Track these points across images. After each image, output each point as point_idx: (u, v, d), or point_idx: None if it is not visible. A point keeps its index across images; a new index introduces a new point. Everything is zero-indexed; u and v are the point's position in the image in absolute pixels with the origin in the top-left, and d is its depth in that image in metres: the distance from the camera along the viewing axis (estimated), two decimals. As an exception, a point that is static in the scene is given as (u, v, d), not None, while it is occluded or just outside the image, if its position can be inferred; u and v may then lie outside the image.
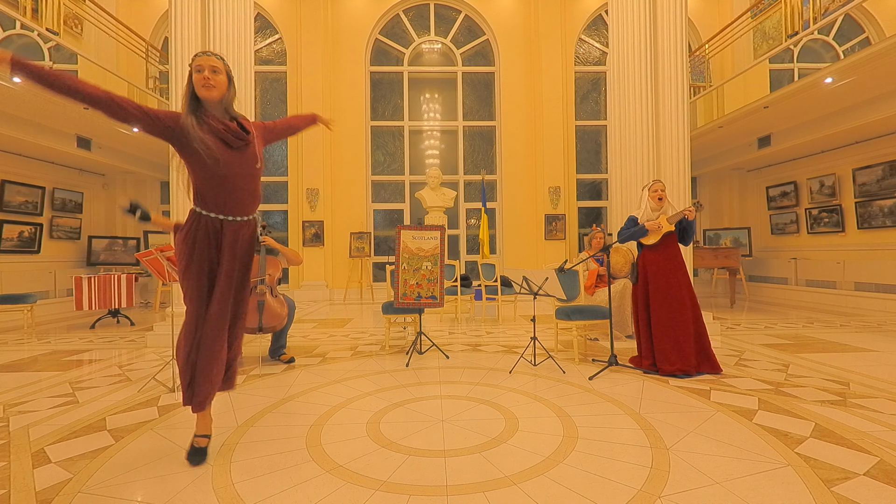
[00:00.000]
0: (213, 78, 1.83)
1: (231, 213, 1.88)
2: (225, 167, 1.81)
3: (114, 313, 6.07)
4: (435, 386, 3.03)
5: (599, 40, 9.34)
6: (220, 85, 1.85)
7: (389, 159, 9.21)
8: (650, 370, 3.30)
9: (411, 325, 4.67)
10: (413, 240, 3.91)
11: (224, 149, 1.82)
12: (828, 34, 8.11)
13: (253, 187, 1.93)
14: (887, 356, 3.70)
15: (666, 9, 4.75)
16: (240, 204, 1.89)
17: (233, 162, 1.83)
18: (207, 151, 1.76)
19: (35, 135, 6.33)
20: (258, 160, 1.94)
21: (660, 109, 4.75)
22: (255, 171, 1.93)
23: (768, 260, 8.62)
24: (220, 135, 1.82)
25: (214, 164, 1.78)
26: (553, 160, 8.81)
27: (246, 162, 1.88)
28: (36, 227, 7.23)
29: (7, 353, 4.23)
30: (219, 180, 1.82)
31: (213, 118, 1.84)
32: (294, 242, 8.63)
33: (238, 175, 1.86)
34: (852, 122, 6.09)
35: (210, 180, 1.81)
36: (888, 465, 1.83)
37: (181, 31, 4.60)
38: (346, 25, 8.86)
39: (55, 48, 7.28)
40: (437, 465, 1.89)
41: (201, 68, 1.82)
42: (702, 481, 1.73)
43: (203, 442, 1.98)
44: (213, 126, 1.82)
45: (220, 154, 1.80)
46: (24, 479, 1.80)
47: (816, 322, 5.52)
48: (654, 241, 3.39)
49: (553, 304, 3.98)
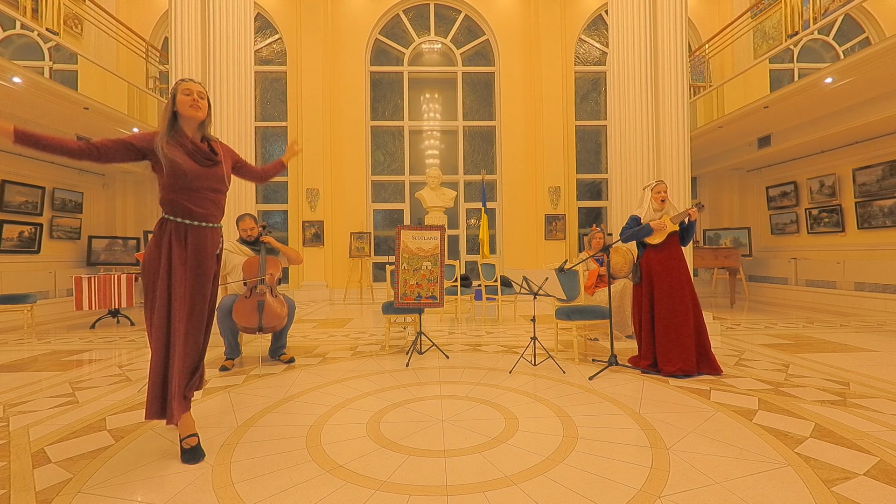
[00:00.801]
0: (200, 101, 2.05)
1: (196, 219, 2.04)
2: (193, 180, 2.00)
3: (114, 313, 6.07)
4: (435, 386, 3.04)
5: (599, 40, 9.34)
6: (204, 108, 2.07)
7: (389, 159, 9.22)
8: (649, 370, 3.30)
9: (411, 325, 4.67)
10: (413, 240, 3.91)
11: (192, 164, 2.00)
12: (828, 34, 8.11)
13: (217, 199, 2.12)
14: (887, 356, 3.70)
15: (666, 9, 4.75)
16: (204, 213, 2.06)
17: (200, 175, 2.02)
18: (172, 166, 1.95)
19: (35, 135, 6.32)
20: (224, 179, 2.13)
21: (660, 109, 4.75)
22: (220, 187, 2.12)
23: (768, 260, 8.62)
24: (189, 153, 2.01)
25: (182, 176, 1.96)
26: (553, 160, 8.81)
27: (212, 177, 2.07)
28: (36, 227, 7.23)
29: (7, 353, 4.23)
30: (186, 191, 2.00)
31: (185, 137, 2.03)
32: (294, 242, 8.63)
33: (203, 188, 2.04)
34: (852, 122, 6.09)
35: (178, 190, 1.99)
36: (888, 465, 1.83)
37: (181, 31, 4.60)
38: (346, 25, 8.86)
39: (55, 48, 7.28)
40: (436, 465, 1.89)
41: (190, 92, 2.03)
42: (702, 481, 1.73)
43: (193, 441, 1.99)
44: (184, 144, 2.01)
45: (188, 168, 1.98)
46: (24, 479, 1.80)
47: (816, 322, 5.52)
48: (659, 240, 3.39)
49: (553, 304, 3.98)
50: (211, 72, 4.66)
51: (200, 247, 2.04)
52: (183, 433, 2.01)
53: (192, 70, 4.61)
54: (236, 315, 3.34)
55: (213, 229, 2.11)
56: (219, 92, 4.68)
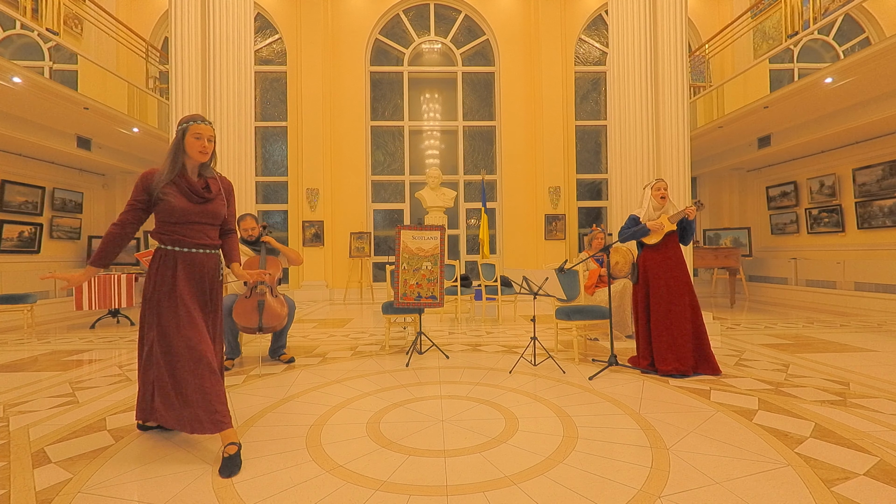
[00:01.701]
0: (209, 146, 2.10)
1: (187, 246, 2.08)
2: (182, 216, 2.04)
3: (114, 313, 6.07)
4: (435, 386, 3.03)
5: (599, 40, 9.34)
6: (209, 153, 2.12)
7: (389, 159, 9.22)
8: (648, 370, 3.30)
9: (411, 325, 4.67)
10: (413, 240, 3.91)
11: (184, 202, 2.04)
12: (828, 34, 8.11)
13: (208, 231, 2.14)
14: (887, 356, 3.70)
15: (666, 9, 4.75)
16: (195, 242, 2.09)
17: (190, 212, 2.05)
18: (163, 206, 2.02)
19: (35, 135, 6.33)
20: (216, 215, 2.14)
21: (660, 109, 4.75)
22: (213, 222, 2.14)
23: (768, 260, 8.62)
24: (182, 191, 2.05)
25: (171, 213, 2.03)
26: (553, 160, 8.81)
27: (204, 214, 2.10)
28: (36, 227, 7.23)
29: (7, 353, 4.23)
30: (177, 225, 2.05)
31: (181, 176, 2.06)
32: (294, 242, 8.63)
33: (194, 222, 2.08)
34: (852, 122, 6.09)
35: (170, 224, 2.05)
36: (888, 465, 1.83)
37: (181, 31, 4.60)
38: (346, 25, 8.86)
39: (55, 48, 7.28)
40: (436, 465, 1.89)
41: (201, 136, 2.06)
42: (702, 481, 1.73)
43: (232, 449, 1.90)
44: (179, 183, 2.05)
45: (178, 205, 2.02)
46: (24, 479, 1.80)
47: (816, 322, 5.52)
48: (656, 240, 3.39)
49: (553, 304, 3.98)
50: (211, 72, 4.66)
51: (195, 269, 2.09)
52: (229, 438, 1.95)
53: (192, 70, 4.61)
54: (236, 315, 3.34)
55: (207, 255, 2.14)
56: (219, 92, 4.68)
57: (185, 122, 2.07)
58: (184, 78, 4.59)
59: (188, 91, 4.59)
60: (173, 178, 2.03)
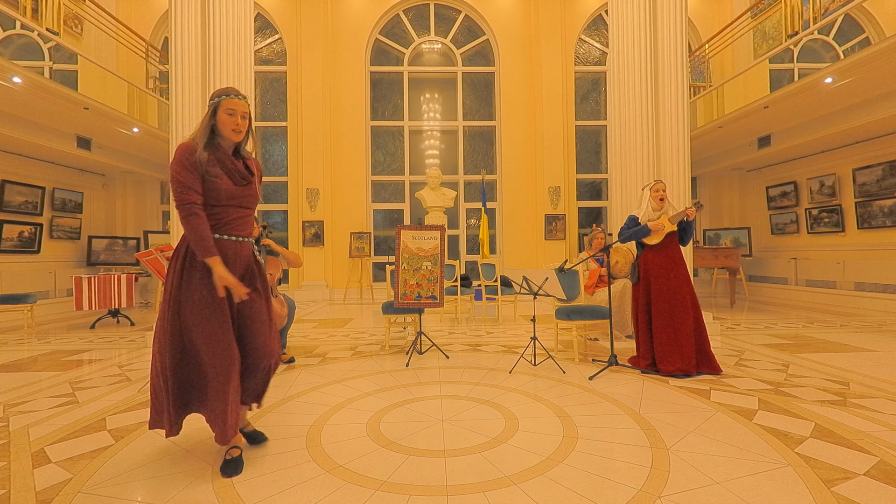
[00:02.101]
0: (243, 124, 1.93)
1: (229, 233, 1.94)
2: (227, 199, 1.90)
3: (114, 313, 6.07)
4: (435, 386, 3.03)
5: (599, 40, 9.34)
6: (244, 131, 1.95)
7: (389, 159, 9.22)
8: (648, 370, 3.30)
9: (411, 325, 4.67)
10: (413, 240, 3.91)
11: (229, 184, 1.91)
12: (828, 34, 8.11)
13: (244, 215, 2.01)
14: (887, 356, 3.70)
15: (666, 9, 4.75)
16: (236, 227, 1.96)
17: (234, 195, 1.92)
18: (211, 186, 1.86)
19: (35, 135, 6.33)
20: (256, 198, 2.04)
21: (660, 109, 4.75)
22: (250, 204, 2.02)
23: (768, 260, 8.62)
24: (228, 172, 1.91)
25: (216, 195, 1.87)
26: (553, 160, 8.81)
27: (245, 196, 1.97)
28: (36, 227, 7.23)
29: (7, 353, 4.23)
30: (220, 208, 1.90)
31: (225, 155, 1.92)
32: (294, 242, 8.63)
33: (237, 206, 1.95)
34: (852, 122, 6.08)
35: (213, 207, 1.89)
36: (888, 465, 1.83)
37: (181, 31, 4.60)
38: (345, 25, 8.86)
39: (55, 48, 7.28)
40: (437, 465, 1.89)
41: (234, 112, 1.89)
42: (702, 481, 1.73)
43: (236, 452, 1.90)
44: (224, 163, 1.91)
45: (224, 188, 1.88)
46: (24, 479, 1.80)
47: (816, 322, 5.52)
48: (657, 241, 3.39)
49: (553, 304, 3.98)
50: (211, 72, 4.65)
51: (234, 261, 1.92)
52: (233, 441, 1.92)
53: (192, 70, 4.61)
54: (236, 315, 3.33)
55: (239, 243, 1.96)
56: (219, 92, 4.67)
57: (217, 95, 1.90)
58: (184, 78, 4.59)
59: (188, 91, 4.59)
60: (219, 156, 1.88)
